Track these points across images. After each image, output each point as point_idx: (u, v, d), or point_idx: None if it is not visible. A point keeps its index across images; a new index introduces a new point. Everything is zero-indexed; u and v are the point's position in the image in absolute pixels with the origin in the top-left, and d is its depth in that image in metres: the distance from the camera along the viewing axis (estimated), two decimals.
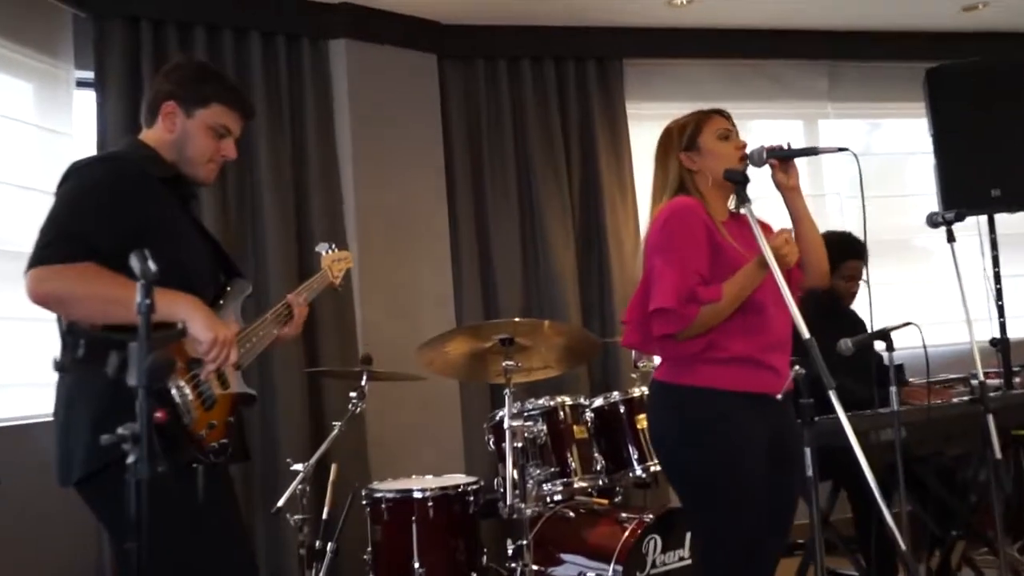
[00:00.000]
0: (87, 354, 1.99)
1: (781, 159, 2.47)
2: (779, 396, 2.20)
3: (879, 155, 5.72)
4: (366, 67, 4.55)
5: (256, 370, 4.13)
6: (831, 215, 5.24)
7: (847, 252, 3.79)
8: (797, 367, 2.10)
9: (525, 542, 3.15)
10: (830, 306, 3.83)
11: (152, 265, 1.56)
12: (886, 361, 3.82)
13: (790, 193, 2.52)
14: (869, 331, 3.81)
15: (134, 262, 1.57)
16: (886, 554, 3.38)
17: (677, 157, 2.54)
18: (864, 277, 3.87)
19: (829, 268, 3.57)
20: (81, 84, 3.96)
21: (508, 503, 3.16)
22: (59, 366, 2.03)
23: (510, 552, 3.21)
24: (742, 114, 5.10)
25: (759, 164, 2.45)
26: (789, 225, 2.56)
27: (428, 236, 4.66)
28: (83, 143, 3.90)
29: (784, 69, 5.36)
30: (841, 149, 2.39)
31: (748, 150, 2.48)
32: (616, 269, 4.84)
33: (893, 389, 2.91)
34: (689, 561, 3.37)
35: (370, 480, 3.83)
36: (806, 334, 2.12)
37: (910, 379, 3.89)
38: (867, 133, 5.82)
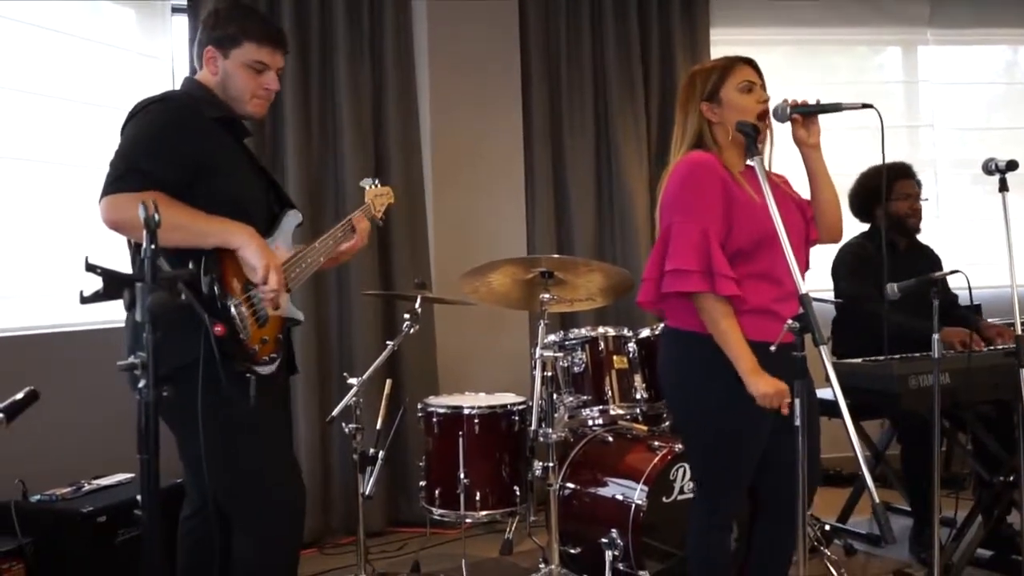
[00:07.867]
0: (105, 287, 2.17)
1: (804, 115, 2.46)
2: (772, 348, 2.18)
3: (983, 84, 5.30)
4: None
5: (334, 292, 4.45)
6: (924, 146, 5.04)
7: (895, 175, 3.96)
8: (791, 320, 2.09)
9: (551, 464, 3.34)
10: (893, 241, 3.99)
11: (157, 215, 1.72)
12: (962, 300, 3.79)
13: (809, 150, 2.51)
14: (943, 267, 3.91)
15: (141, 211, 1.71)
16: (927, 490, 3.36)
17: (698, 107, 2.54)
18: (922, 196, 4.00)
19: (884, 198, 3.85)
20: (176, 10, 4.26)
21: (534, 428, 3.33)
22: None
23: (538, 472, 3.40)
24: (836, 40, 5.12)
25: (783, 119, 2.46)
26: (805, 181, 2.55)
27: (503, 167, 4.75)
28: (178, 67, 4.21)
29: None
30: (866, 105, 2.35)
31: (772, 104, 2.47)
32: None
33: (936, 336, 2.98)
34: None
35: (438, 395, 4.08)
36: (803, 288, 2.14)
37: (993, 319, 3.88)
38: (970, 61, 5.35)
